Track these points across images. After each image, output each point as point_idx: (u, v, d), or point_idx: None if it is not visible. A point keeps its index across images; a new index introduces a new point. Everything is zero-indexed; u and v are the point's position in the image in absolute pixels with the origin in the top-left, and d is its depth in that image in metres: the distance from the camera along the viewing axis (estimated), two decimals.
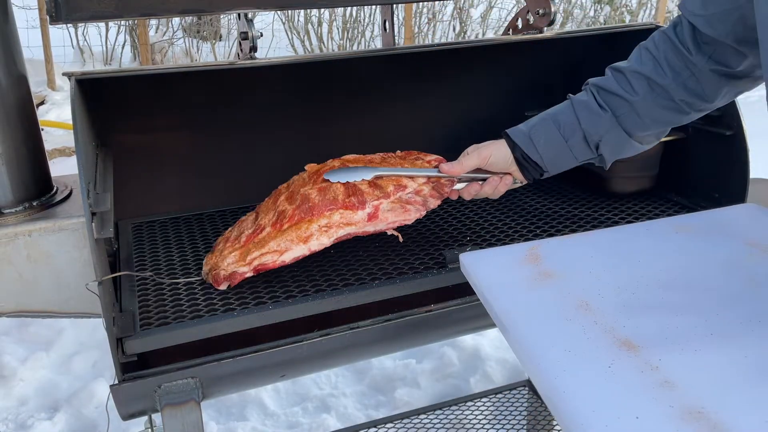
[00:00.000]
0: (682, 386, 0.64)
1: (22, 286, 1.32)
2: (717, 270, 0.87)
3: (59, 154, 4.22)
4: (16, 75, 1.33)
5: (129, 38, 6.74)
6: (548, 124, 1.18)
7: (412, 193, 1.20)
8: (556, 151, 1.18)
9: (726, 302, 0.79)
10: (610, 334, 0.73)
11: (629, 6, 7.67)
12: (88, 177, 1.04)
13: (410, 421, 1.84)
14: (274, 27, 6.61)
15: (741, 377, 0.66)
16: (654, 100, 1.12)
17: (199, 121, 1.59)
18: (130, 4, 1.18)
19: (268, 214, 1.20)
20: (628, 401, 0.63)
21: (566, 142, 1.17)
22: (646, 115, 1.14)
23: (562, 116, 1.18)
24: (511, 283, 0.88)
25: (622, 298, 0.81)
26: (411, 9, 6.41)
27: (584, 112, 1.16)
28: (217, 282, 1.16)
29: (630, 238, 1.01)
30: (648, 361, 0.68)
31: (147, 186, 1.56)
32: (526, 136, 1.19)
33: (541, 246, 1.00)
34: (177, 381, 1.04)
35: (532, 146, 1.18)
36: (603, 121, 1.15)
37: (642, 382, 0.65)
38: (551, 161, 1.19)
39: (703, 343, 0.71)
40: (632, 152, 1.20)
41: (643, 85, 1.12)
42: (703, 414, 0.60)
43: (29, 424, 2.07)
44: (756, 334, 0.72)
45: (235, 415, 2.12)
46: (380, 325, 1.16)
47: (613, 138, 1.16)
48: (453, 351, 2.39)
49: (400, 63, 1.70)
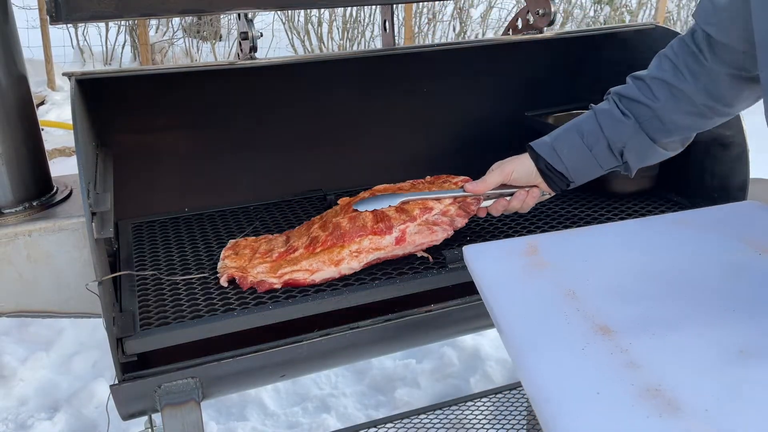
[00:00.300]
0: (646, 367, 0.68)
1: (22, 286, 1.32)
2: (705, 263, 0.89)
3: (59, 154, 4.22)
4: (16, 75, 1.33)
5: (129, 38, 6.74)
6: (572, 134, 1.20)
7: (438, 214, 1.25)
8: (581, 161, 1.19)
9: (706, 293, 0.82)
10: (590, 320, 0.77)
11: (629, 6, 7.67)
12: (88, 177, 1.04)
13: (410, 421, 1.84)
14: (274, 27, 6.60)
15: (702, 360, 0.69)
16: (676, 105, 1.13)
17: (199, 121, 1.59)
18: (130, 4, 1.18)
19: (301, 239, 1.26)
20: (592, 379, 0.67)
21: (590, 151, 1.18)
22: (669, 120, 1.14)
23: (585, 125, 1.19)
24: (507, 273, 0.92)
25: (607, 288, 0.85)
26: (411, 9, 6.41)
27: (607, 120, 1.17)
28: (244, 284, 1.18)
29: (627, 232, 1.04)
30: (619, 344, 0.72)
31: (147, 186, 1.56)
32: (549, 147, 1.20)
33: (540, 239, 1.03)
34: (177, 381, 1.04)
35: (556, 157, 1.19)
36: (626, 127, 1.16)
37: (610, 363, 0.69)
38: (576, 170, 1.21)
39: (674, 330, 0.75)
40: (658, 158, 1.21)
41: (664, 91, 1.13)
42: (660, 392, 0.64)
43: (29, 424, 2.07)
44: (727, 322, 0.76)
45: (235, 415, 2.12)
46: (380, 325, 1.16)
47: (637, 144, 1.17)
48: (453, 351, 2.39)
49: (400, 63, 1.70)
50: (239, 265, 1.23)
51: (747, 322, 0.75)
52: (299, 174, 1.67)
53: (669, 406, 0.62)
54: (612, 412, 0.62)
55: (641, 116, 1.15)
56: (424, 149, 1.81)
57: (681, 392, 0.64)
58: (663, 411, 0.61)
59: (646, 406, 0.62)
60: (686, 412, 0.61)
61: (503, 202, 1.26)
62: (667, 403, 0.62)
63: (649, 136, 1.16)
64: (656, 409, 0.62)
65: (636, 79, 1.17)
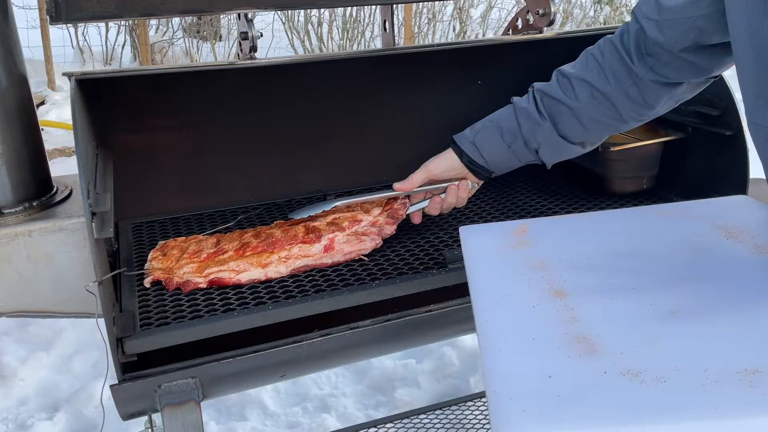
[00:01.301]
0: (583, 321, 0.76)
1: (22, 286, 1.32)
2: (673, 244, 0.94)
3: (59, 154, 4.22)
4: (16, 75, 1.33)
5: (129, 38, 6.73)
6: (491, 131, 1.23)
7: (367, 225, 1.32)
8: (500, 156, 1.24)
9: (662, 267, 0.88)
10: (550, 286, 0.85)
11: (629, 6, 7.67)
12: (88, 177, 1.04)
13: (410, 421, 1.83)
14: (274, 27, 6.60)
15: (634, 317, 0.77)
16: (596, 107, 1.16)
17: (199, 121, 1.59)
18: (130, 4, 1.18)
19: (232, 242, 1.30)
20: (532, 329, 0.76)
21: (509, 148, 1.22)
22: (588, 121, 1.17)
23: (505, 123, 1.23)
24: (492, 249, 0.99)
25: (576, 261, 0.91)
26: (411, 9, 6.41)
27: (525, 120, 1.21)
28: (169, 286, 1.20)
29: (613, 220, 1.08)
30: (568, 304, 0.80)
31: (147, 186, 1.56)
32: (470, 142, 1.25)
33: (532, 223, 1.10)
34: (177, 381, 1.04)
35: (477, 152, 1.24)
36: (542, 129, 1.19)
37: (552, 318, 0.77)
38: (496, 164, 1.25)
39: (620, 294, 0.81)
40: (573, 155, 1.24)
41: (587, 92, 1.15)
42: (587, 339, 0.72)
43: (29, 424, 2.07)
44: (671, 290, 0.82)
45: (235, 415, 2.12)
46: (380, 325, 1.16)
47: (552, 145, 1.20)
48: (453, 351, 2.39)
49: (400, 63, 1.70)
50: (165, 266, 1.25)
51: (689, 289, 0.81)
52: (299, 174, 1.67)
53: (590, 350, 0.70)
54: (539, 354, 0.71)
55: (559, 116, 1.18)
56: (423, 149, 1.80)
57: (604, 339, 0.72)
58: (583, 352, 0.70)
59: (571, 349, 0.71)
60: (602, 353, 0.69)
61: (438, 200, 1.30)
62: (589, 347, 0.71)
63: (565, 138, 1.19)
64: (578, 351, 0.70)
65: (561, 76, 1.19)
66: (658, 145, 1.53)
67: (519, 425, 0.60)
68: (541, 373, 0.67)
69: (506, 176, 1.71)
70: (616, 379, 0.65)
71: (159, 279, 1.22)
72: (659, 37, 1.07)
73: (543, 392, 0.64)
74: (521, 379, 0.67)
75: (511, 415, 0.62)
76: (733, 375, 0.63)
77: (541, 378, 0.66)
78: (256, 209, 1.58)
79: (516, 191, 1.64)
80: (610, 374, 0.65)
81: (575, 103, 1.16)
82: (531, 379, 0.67)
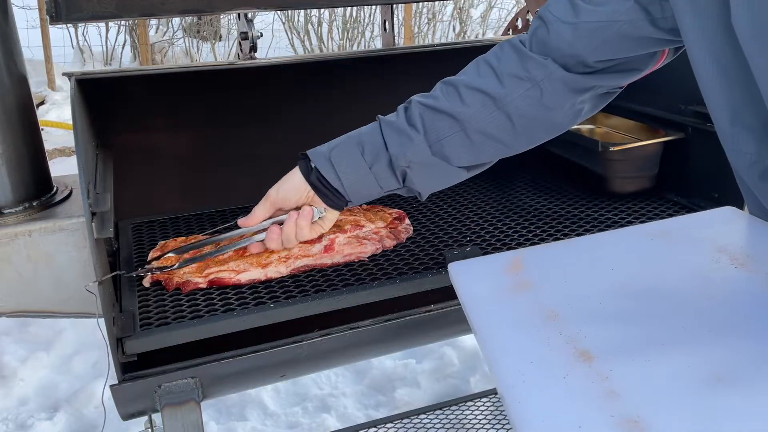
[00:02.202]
0: (624, 396, 0.68)
1: (22, 286, 1.32)
2: (681, 278, 0.89)
3: (59, 154, 4.22)
4: (17, 75, 1.33)
5: (129, 38, 6.74)
6: (351, 146, 1.04)
7: (369, 232, 1.31)
8: (359, 179, 1.04)
9: (682, 311, 0.82)
10: (571, 345, 0.77)
11: None
12: (88, 177, 1.04)
13: (410, 421, 1.83)
14: (274, 27, 6.61)
15: (680, 387, 0.69)
16: (485, 116, 1.01)
17: (198, 121, 1.59)
18: (130, 4, 1.18)
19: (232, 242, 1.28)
20: (574, 411, 0.67)
21: (369, 169, 1.03)
22: (474, 133, 1.02)
23: (367, 137, 1.04)
24: (490, 292, 0.91)
25: (588, 308, 0.84)
26: (411, 9, 6.42)
27: (393, 134, 1.02)
28: (169, 286, 1.19)
29: (607, 245, 1.03)
30: (600, 371, 0.72)
31: (147, 186, 1.56)
32: (326, 158, 1.04)
33: (524, 254, 1.02)
34: (177, 381, 1.04)
35: (332, 171, 1.03)
36: (414, 144, 1.01)
37: (591, 392, 0.69)
38: (353, 189, 1.05)
39: (653, 353, 0.75)
40: (452, 181, 1.07)
41: (477, 99, 1.01)
42: (638, 423, 0.64)
43: (29, 424, 2.07)
44: (701, 344, 0.76)
45: (235, 415, 2.12)
46: (380, 325, 1.16)
47: (426, 164, 1.03)
48: (453, 351, 2.39)
49: (400, 63, 1.70)
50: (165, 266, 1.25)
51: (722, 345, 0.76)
52: None
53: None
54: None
55: (441, 130, 1.01)
56: None
57: (657, 423, 0.65)
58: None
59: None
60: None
61: (276, 230, 1.10)
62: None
63: (443, 156, 1.03)
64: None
65: (446, 85, 1.05)
66: (658, 145, 1.53)
67: None
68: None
69: (506, 176, 1.72)
70: None
71: (159, 279, 1.22)
72: (573, 40, 0.97)
73: None
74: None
75: None
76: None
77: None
78: None
79: (516, 191, 1.64)
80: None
81: (462, 112, 1.00)
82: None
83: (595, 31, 0.96)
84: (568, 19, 0.97)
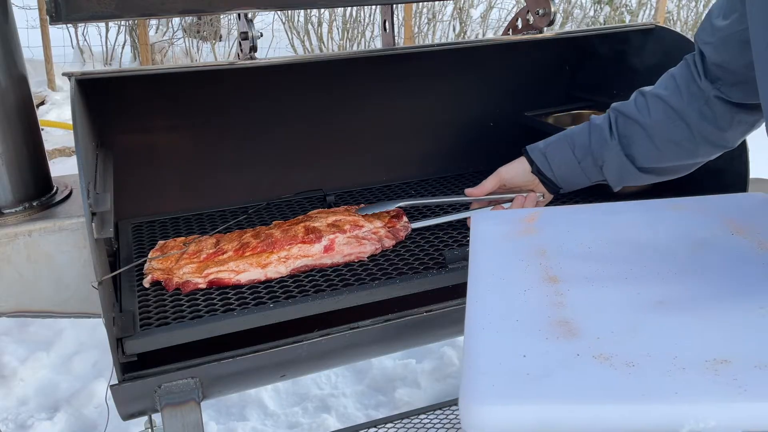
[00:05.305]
0: (569, 306, 0.77)
1: (22, 286, 1.32)
2: (676, 238, 0.94)
3: (59, 154, 4.22)
4: (17, 75, 1.33)
5: (129, 38, 6.73)
6: (564, 144, 1.22)
7: (368, 232, 1.33)
8: (570, 171, 1.23)
9: (659, 260, 0.88)
10: (545, 272, 0.86)
11: (629, 6, 7.67)
12: (88, 177, 1.04)
13: (410, 421, 1.83)
14: (274, 27, 6.60)
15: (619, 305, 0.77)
16: (670, 125, 1.14)
17: (199, 121, 1.59)
18: (130, 4, 1.18)
19: (231, 243, 1.30)
20: (518, 312, 0.77)
21: (579, 164, 1.21)
22: (660, 140, 1.16)
23: (578, 138, 1.22)
24: (498, 234, 1.00)
25: (575, 250, 0.92)
26: (411, 9, 6.41)
27: (596, 136, 1.20)
28: (169, 286, 1.20)
29: (623, 212, 1.07)
30: (558, 290, 0.81)
31: (147, 186, 1.56)
32: (541, 153, 1.24)
33: (543, 211, 1.11)
34: (177, 381, 1.04)
35: (546, 164, 1.23)
36: (609, 147, 1.18)
37: (540, 302, 0.79)
38: (564, 180, 1.24)
39: (612, 284, 0.82)
40: (639, 182, 1.22)
41: (660, 109, 1.14)
42: (568, 323, 0.73)
43: (29, 424, 2.07)
44: (662, 280, 0.82)
45: (235, 415, 2.12)
46: (380, 325, 1.16)
47: (617, 164, 1.19)
48: (453, 351, 2.39)
49: (400, 63, 1.70)
50: (165, 266, 1.25)
51: (680, 281, 0.82)
52: (299, 174, 1.67)
53: (569, 333, 0.71)
54: (519, 335, 0.72)
55: (632, 136, 1.17)
56: (423, 149, 1.81)
57: (584, 324, 0.73)
58: (561, 336, 0.71)
59: (551, 332, 0.72)
60: (580, 337, 0.70)
61: (520, 201, 1.28)
62: (569, 331, 0.72)
63: (631, 158, 1.18)
64: (557, 334, 0.71)
65: (639, 95, 1.19)
66: None
67: (484, 398, 0.62)
68: (516, 353, 0.69)
69: None
70: (586, 362, 0.66)
71: (158, 279, 1.22)
72: (718, 58, 1.06)
73: (514, 370, 0.65)
74: (496, 357, 0.69)
75: (479, 388, 0.63)
76: (701, 363, 0.63)
77: (515, 357, 0.68)
78: (256, 209, 1.58)
79: None
80: (582, 357, 0.67)
81: (648, 121, 1.15)
82: (505, 357, 0.68)
83: (728, 43, 1.03)
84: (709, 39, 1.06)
